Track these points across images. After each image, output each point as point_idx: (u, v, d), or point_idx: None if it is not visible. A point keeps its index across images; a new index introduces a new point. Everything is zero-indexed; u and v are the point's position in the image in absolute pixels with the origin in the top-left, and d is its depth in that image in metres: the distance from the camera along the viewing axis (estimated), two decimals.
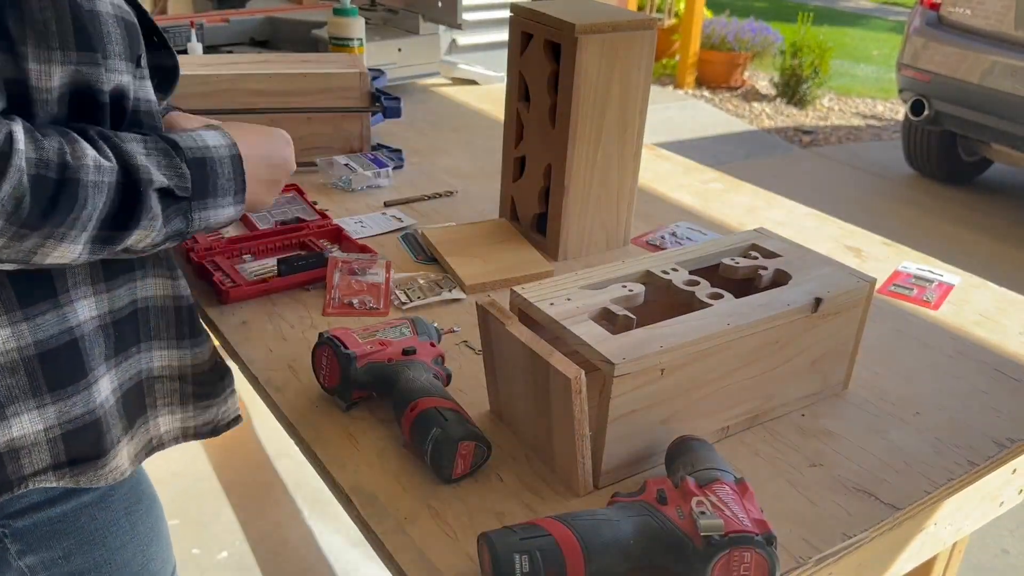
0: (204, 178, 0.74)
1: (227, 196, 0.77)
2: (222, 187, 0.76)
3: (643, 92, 1.15)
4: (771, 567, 0.63)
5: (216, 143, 0.77)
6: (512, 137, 1.23)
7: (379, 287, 1.08)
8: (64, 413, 0.71)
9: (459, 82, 2.10)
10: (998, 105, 3.83)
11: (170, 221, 0.71)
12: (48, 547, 0.76)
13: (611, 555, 0.64)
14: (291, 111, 1.45)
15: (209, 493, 2.15)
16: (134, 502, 0.83)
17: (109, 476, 0.76)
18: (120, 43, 0.67)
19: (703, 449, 0.73)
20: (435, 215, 1.34)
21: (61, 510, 0.76)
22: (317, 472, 0.81)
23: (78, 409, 0.71)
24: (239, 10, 2.13)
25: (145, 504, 0.85)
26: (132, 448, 0.80)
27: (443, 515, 0.74)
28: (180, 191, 0.71)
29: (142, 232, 0.69)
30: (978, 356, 1.03)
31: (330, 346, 0.85)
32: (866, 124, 5.95)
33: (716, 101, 6.19)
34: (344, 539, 2.03)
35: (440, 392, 0.81)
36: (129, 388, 0.78)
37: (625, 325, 0.79)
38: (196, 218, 0.74)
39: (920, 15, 4.24)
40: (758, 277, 0.89)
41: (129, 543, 0.83)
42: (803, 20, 6.13)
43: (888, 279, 1.21)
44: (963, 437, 0.87)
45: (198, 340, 0.83)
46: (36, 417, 0.69)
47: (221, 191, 0.76)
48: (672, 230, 1.32)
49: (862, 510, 0.77)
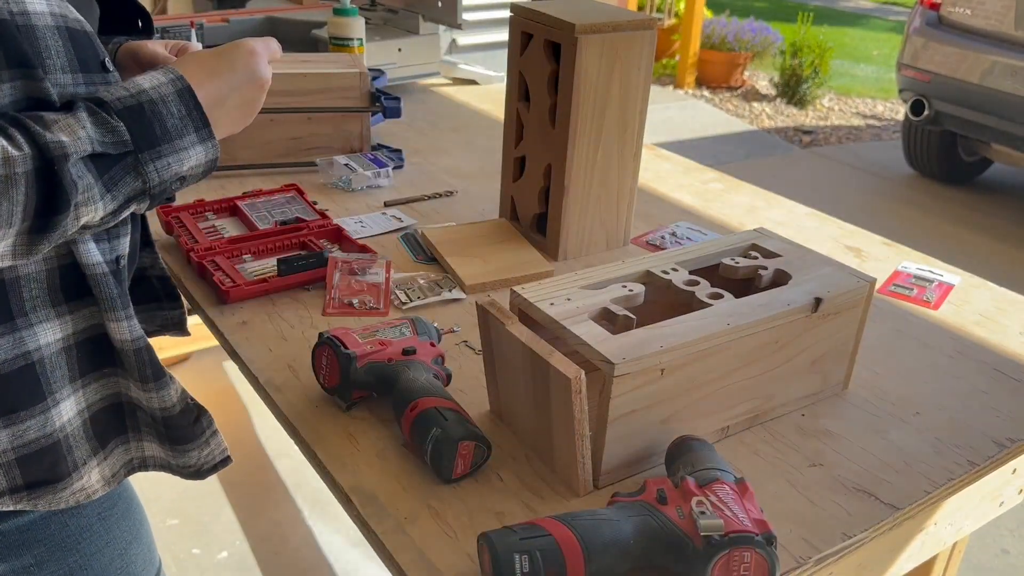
0: (145, 125, 0.67)
1: (185, 136, 0.70)
2: (174, 128, 0.69)
3: (643, 92, 1.15)
4: (771, 567, 0.63)
5: (154, 83, 0.69)
6: (512, 137, 1.23)
7: (379, 287, 1.08)
8: (17, 437, 0.68)
9: (459, 82, 2.10)
10: (998, 105, 3.83)
11: (117, 183, 0.65)
12: (18, 555, 0.75)
13: (611, 555, 0.64)
14: (291, 111, 1.45)
15: (209, 493, 2.15)
16: (108, 507, 0.82)
17: (71, 498, 0.74)
18: (63, 56, 0.63)
19: (703, 449, 0.73)
20: (435, 215, 1.34)
21: (30, 518, 0.75)
22: (317, 472, 0.81)
23: (32, 433, 0.69)
24: (239, 10, 2.13)
25: (121, 508, 0.84)
26: (106, 469, 0.76)
27: (443, 515, 0.74)
28: (116, 148, 0.66)
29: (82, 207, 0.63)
30: (978, 356, 1.03)
31: (330, 346, 0.85)
32: (866, 124, 5.95)
33: (716, 101, 6.19)
34: (344, 539, 2.03)
35: (440, 392, 0.81)
36: (101, 408, 0.75)
37: (625, 325, 0.79)
38: (151, 170, 0.68)
39: (920, 15, 4.24)
40: (758, 277, 0.89)
41: (105, 548, 0.81)
42: (803, 20, 6.13)
43: (888, 279, 1.21)
44: (963, 437, 0.87)
45: (160, 383, 0.76)
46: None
47: (175, 132, 0.69)
48: (672, 230, 1.32)
49: (862, 510, 0.77)
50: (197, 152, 0.71)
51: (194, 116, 0.71)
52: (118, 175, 0.65)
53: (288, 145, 1.47)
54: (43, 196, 0.61)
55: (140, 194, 0.68)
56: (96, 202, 0.64)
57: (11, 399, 0.68)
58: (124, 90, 0.68)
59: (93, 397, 0.74)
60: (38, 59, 0.62)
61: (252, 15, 2.02)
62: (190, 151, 0.71)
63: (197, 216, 1.22)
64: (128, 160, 0.66)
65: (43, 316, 0.69)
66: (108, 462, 0.77)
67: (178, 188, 0.72)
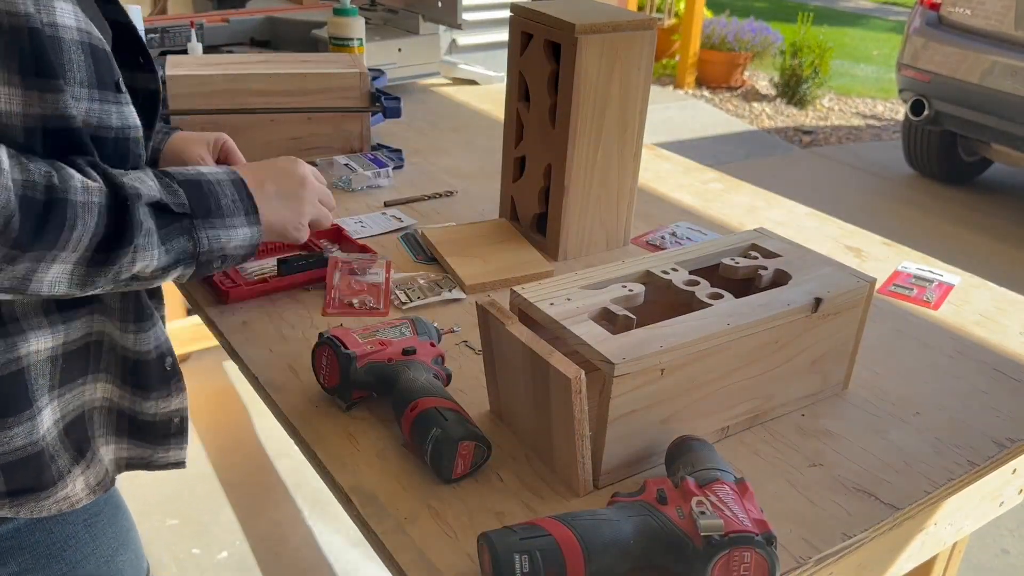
0: (203, 197, 0.74)
1: (236, 216, 0.77)
2: (227, 207, 0.76)
3: (643, 92, 1.15)
4: (771, 567, 0.63)
5: (211, 170, 0.78)
6: (512, 137, 1.23)
7: (379, 287, 1.08)
8: (4, 444, 0.69)
9: (459, 82, 2.10)
10: (998, 105, 3.83)
11: (171, 238, 0.70)
12: (2, 563, 0.75)
13: (611, 555, 0.64)
14: (291, 111, 1.45)
15: (209, 493, 2.15)
16: (94, 514, 0.82)
17: (54, 507, 0.74)
18: (83, 70, 0.66)
19: (703, 449, 0.73)
20: (435, 215, 1.34)
21: (13, 526, 0.75)
22: (317, 472, 0.81)
23: (19, 440, 0.69)
24: (239, 10, 2.13)
25: (107, 514, 0.84)
26: (90, 478, 0.77)
27: (443, 515, 0.74)
28: (177, 207, 0.71)
29: (140, 251, 0.67)
30: (978, 356, 1.03)
31: (330, 346, 0.85)
32: (866, 124, 5.95)
33: (716, 101, 6.19)
34: (344, 539, 2.03)
35: (440, 392, 0.81)
36: (73, 419, 0.75)
37: (625, 325, 0.79)
38: (203, 237, 0.73)
39: (920, 15, 4.24)
40: (758, 277, 0.89)
41: (91, 556, 0.82)
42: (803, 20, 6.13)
43: (888, 279, 1.21)
44: (963, 437, 0.87)
45: (142, 325, 0.77)
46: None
47: (228, 211, 0.76)
48: (672, 230, 1.32)
49: (862, 510, 0.77)
50: (243, 233, 0.78)
51: (245, 202, 0.78)
52: (174, 233, 0.71)
53: (288, 145, 1.47)
54: (110, 229, 0.65)
55: (189, 257, 0.73)
56: (152, 249, 0.69)
57: (1, 405, 0.68)
58: (185, 170, 0.76)
59: (66, 408, 0.74)
60: (61, 70, 0.64)
61: (252, 15, 2.02)
62: (239, 230, 0.77)
63: None
64: (184, 222, 0.72)
65: (36, 323, 0.69)
66: (90, 471, 0.77)
67: (218, 267, 0.78)
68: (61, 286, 0.64)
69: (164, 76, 1.39)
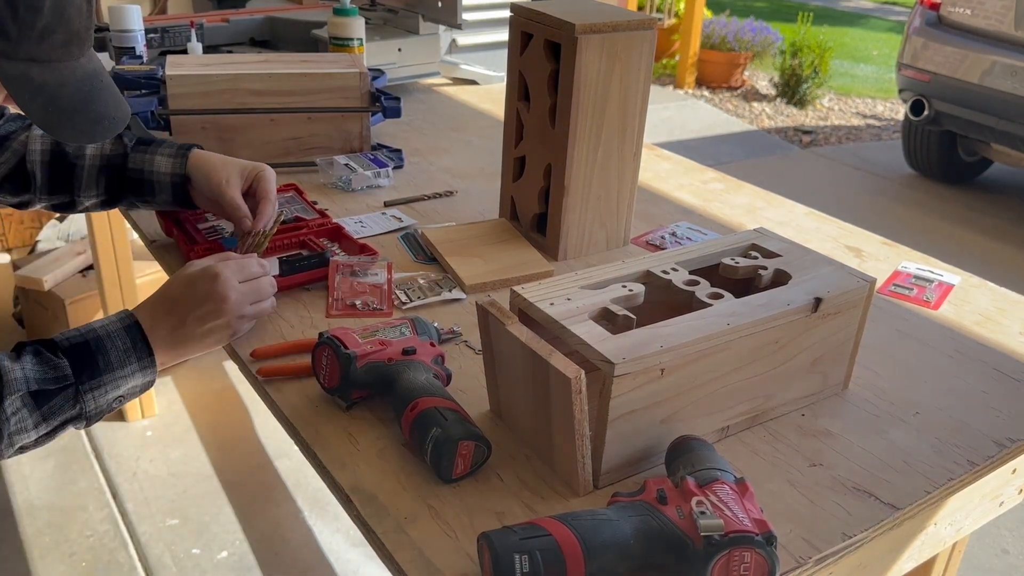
0: (88, 359, 0.78)
1: (128, 365, 0.80)
2: (117, 360, 0.80)
3: (643, 92, 1.15)
4: (771, 567, 0.63)
5: (104, 323, 0.81)
6: (512, 137, 1.23)
7: (380, 287, 1.08)
8: None
9: (459, 82, 2.10)
10: (998, 105, 3.83)
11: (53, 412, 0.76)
12: None
13: (611, 555, 0.64)
14: (291, 111, 1.45)
15: (209, 493, 2.15)
16: None
17: None
18: None
19: (703, 449, 0.73)
20: (435, 215, 1.34)
21: None
22: (317, 472, 0.81)
23: None
24: (239, 10, 2.13)
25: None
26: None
27: (443, 515, 0.74)
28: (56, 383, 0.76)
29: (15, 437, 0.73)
30: (978, 356, 1.03)
31: (330, 346, 0.85)
32: (866, 124, 5.95)
33: (716, 101, 6.19)
34: (344, 539, 2.03)
35: (440, 392, 0.81)
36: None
37: (625, 325, 0.79)
38: (89, 399, 0.78)
39: (920, 15, 4.24)
40: (758, 277, 0.89)
41: None
42: (803, 20, 6.13)
43: (888, 279, 1.21)
44: (963, 437, 0.87)
45: None
46: None
47: (117, 363, 0.80)
48: (672, 230, 1.32)
49: (862, 510, 0.76)
50: (136, 380, 0.82)
51: (139, 347, 0.82)
52: (56, 405, 0.76)
53: (288, 145, 1.47)
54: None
55: (76, 418, 0.78)
56: (29, 431, 0.75)
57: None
58: (76, 331, 0.80)
59: None
60: None
61: (252, 15, 2.02)
62: (131, 378, 0.81)
63: (196, 217, 1.22)
64: (68, 391, 0.77)
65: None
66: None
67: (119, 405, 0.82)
68: None
69: (164, 76, 1.39)
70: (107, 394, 0.79)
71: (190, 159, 1.09)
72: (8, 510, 2.06)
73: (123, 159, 1.09)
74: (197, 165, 1.08)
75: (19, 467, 2.20)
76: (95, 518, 2.05)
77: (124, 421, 2.38)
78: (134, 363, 0.81)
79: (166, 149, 1.10)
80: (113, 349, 0.80)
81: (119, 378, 0.80)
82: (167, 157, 1.09)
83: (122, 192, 1.11)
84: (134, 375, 0.81)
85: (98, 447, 2.29)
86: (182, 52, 1.78)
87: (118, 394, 0.80)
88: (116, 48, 1.71)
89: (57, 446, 2.27)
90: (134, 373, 0.81)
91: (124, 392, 0.81)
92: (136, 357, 0.81)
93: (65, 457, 2.24)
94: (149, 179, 1.09)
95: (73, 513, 2.06)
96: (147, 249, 1.22)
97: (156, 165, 1.08)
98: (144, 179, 1.09)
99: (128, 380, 0.81)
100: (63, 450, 2.26)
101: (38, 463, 2.22)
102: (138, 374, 0.81)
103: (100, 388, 0.78)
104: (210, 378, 2.58)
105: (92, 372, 0.78)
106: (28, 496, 2.11)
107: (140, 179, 1.09)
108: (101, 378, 0.78)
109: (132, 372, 0.81)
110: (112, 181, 1.09)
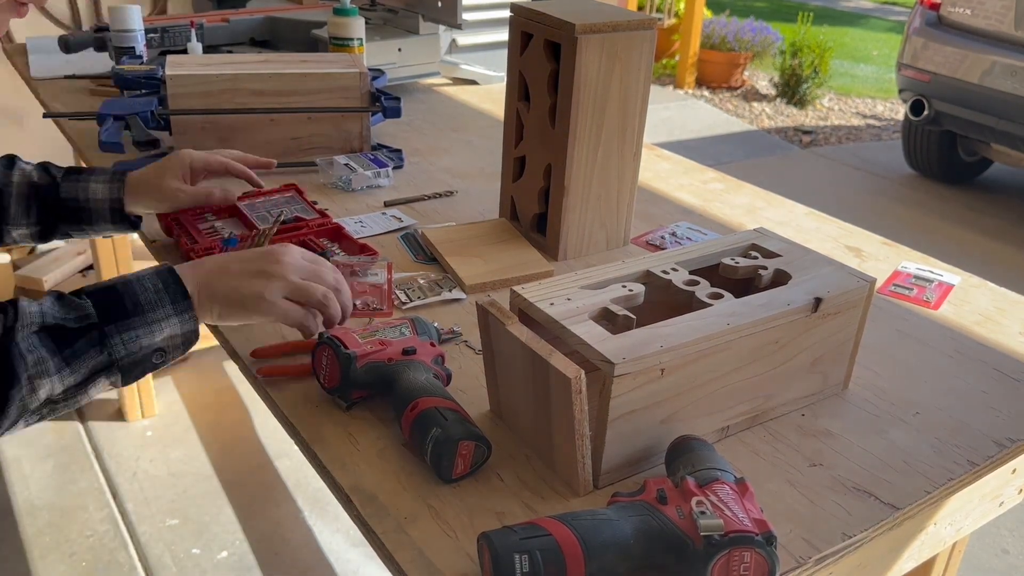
0: (115, 301, 0.71)
1: (160, 308, 0.72)
2: (148, 302, 0.72)
3: (643, 92, 1.15)
4: (771, 567, 0.63)
5: (138, 273, 0.74)
6: (512, 137, 1.23)
7: (380, 287, 1.08)
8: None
9: (459, 82, 2.10)
10: (998, 105, 3.83)
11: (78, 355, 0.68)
12: None
13: (611, 555, 0.64)
14: (291, 111, 1.45)
15: (209, 493, 2.15)
16: None
17: None
18: None
19: (703, 449, 0.73)
20: (435, 215, 1.34)
21: None
22: (317, 472, 0.81)
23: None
24: (239, 10, 2.13)
25: None
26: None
27: (443, 515, 0.74)
28: (76, 322, 0.69)
29: (36, 380, 0.66)
30: (978, 356, 1.03)
31: (330, 346, 0.85)
32: (866, 124, 5.95)
33: (716, 101, 6.19)
34: (344, 539, 2.03)
35: (440, 392, 0.81)
36: None
37: (625, 325, 0.79)
38: (117, 343, 0.70)
39: (920, 15, 4.24)
40: (758, 277, 0.89)
41: None
42: (803, 20, 6.13)
43: (888, 279, 1.21)
44: (963, 437, 0.87)
45: None
46: None
47: (148, 306, 0.72)
48: (672, 230, 1.32)
49: (862, 510, 0.77)
50: (171, 325, 0.73)
51: (171, 289, 0.73)
52: (81, 349, 0.68)
53: (288, 145, 1.47)
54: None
55: (107, 366, 0.70)
56: (51, 375, 0.67)
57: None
58: (106, 281, 0.73)
59: None
60: None
61: (252, 15, 2.02)
62: (164, 324, 0.73)
63: (196, 217, 1.22)
64: (92, 334, 0.69)
65: None
66: None
67: (160, 363, 0.74)
68: None
69: (164, 76, 1.39)
70: (139, 339, 0.71)
71: (128, 182, 1.08)
72: (8, 510, 2.06)
73: (53, 189, 1.07)
74: (135, 183, 1.08)
75: (19, 467, 2.20)
76: (95, 518, 2.05)
77: (124, 421, 2.38)
78: (167, 305, 0.72)
79: (100, 176, 1.08)
80: (142, 291, 0.72)
81: (151, 322, 0.71)
82: (103, 183, 1.07)
83: (57, 221, 1.08)
84: (168, 320, 0.72)
85: (98, 447, 2.29)
86: (182, 52, 1.78)
87: (154, 343, 0.72)
88: (116, 48, 1.71)
89: (57, 446, 2.27)
90: (168, 317, 0.72)
91: (162, 342, 0.72)
92: (170, 299, 0.73)
93: (65, 457, 2.25)
94: (85, 206, 1.07)
95: (73, 513, 2.07)
96: (147, 249, 1.22)
97: (92, 192, 1.07)
98: (80, 207, 1.07)
99: (163, 326, 0.72)
100: (63, 450, 2.26)
101: (38, 463, 2.22)
102: (174, 319, 0.73)
103: (130, 331, 0.70)
104: (210, 378, 2.58)
105: (119, 313, 0.70)
106: (28, 496, 2.11)
107: (76, 207, 1.07)
108: (129, 320, 0.70)
109: (166, 316, 0.72)
110: (44, 211, 1.07)
